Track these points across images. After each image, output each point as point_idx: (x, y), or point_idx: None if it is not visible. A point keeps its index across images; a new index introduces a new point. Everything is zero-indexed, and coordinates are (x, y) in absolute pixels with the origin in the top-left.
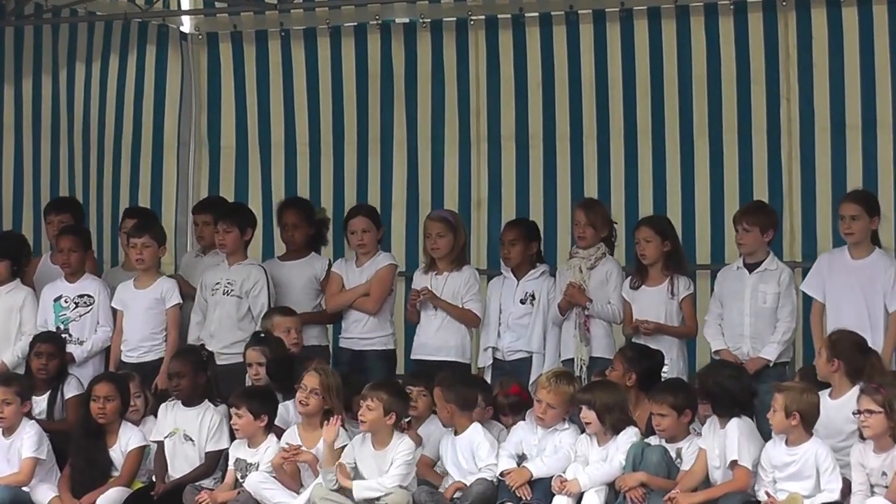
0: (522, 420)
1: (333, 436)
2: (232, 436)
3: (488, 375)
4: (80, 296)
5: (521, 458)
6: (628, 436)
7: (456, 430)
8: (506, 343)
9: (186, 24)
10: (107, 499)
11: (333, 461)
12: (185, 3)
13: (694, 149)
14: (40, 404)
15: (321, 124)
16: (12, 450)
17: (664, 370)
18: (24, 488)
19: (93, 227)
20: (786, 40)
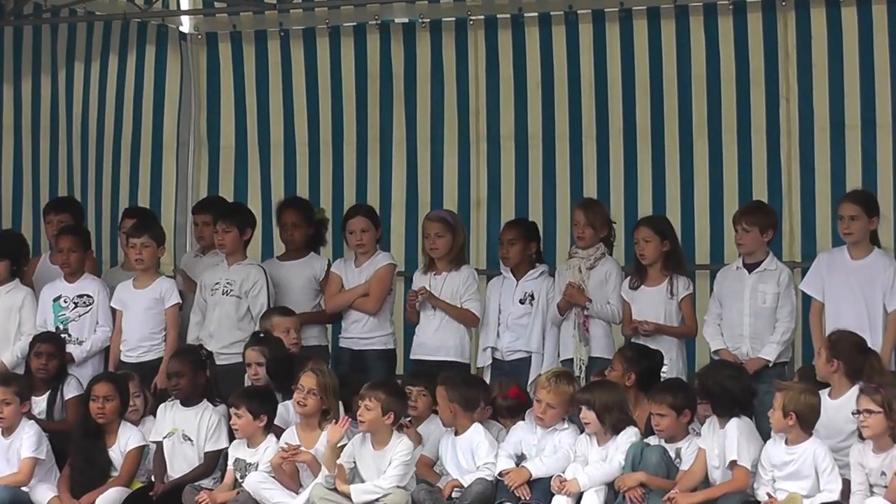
0: (521, 420)
1: (339, 436)
2: (231, 435)
3: (487, 375)
4: (80, 296)
5: (520, 457)
6: (628, 436)
7: (457, 430)
8: (505, 343)
9: (186, 24)
10: (106, 499)
11: (334, 461)
12: (185, 3)
13: (693, 149)
14: (40, 404)
15: (320, 124)
16: (12, 450)
17: (663, 370)
18: (24, 488)
19: (92, 227)
20: (785, 40)
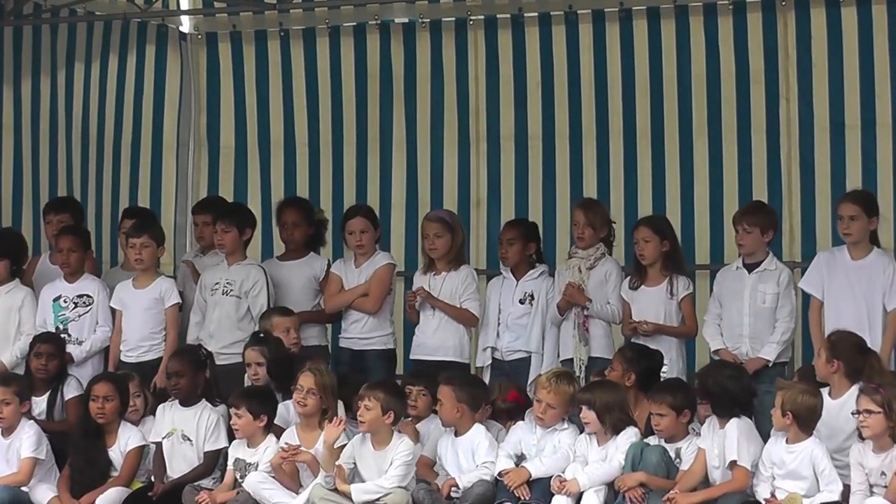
0: (521, 421)
1: (335, 436)
2: (230, 435)
3: (487, 375)
4: (80, 296)
5: (519, 458)
6: (628, 436)
7: (459, 431)
8: (505, 343)
9: (186, 24)
10: (106, 499)
11: (332, 462)
12: (185, 3)
13: (693, 149)
14: (40, 405)
15: (320, 124)
16: (11, 450)
17: (663, 370)
18: (24, 488)
19: (92, 227)
20: (785, 40)
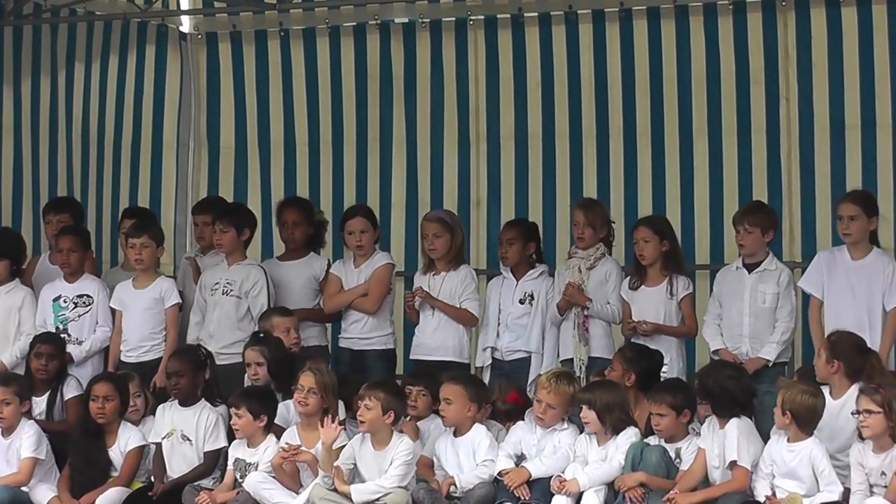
0: (521, 421)
1: (332, 437)
2: (229, 434)
3: (487, 375)
4: (80, 296)
5: (519, 457)
6: (628, 436)
7: (460, 431)
8: (505, 343)
9: (186, 23)
10: (106, 499)
11: (331, 463)
12: (185, 3)
13: (693, 149)
14: (40, 405)
15: (320, 124)
16: (11, 450)
17: (663, 370)
18: (24, 488)
19: (92, 228)
20: (785, 40)
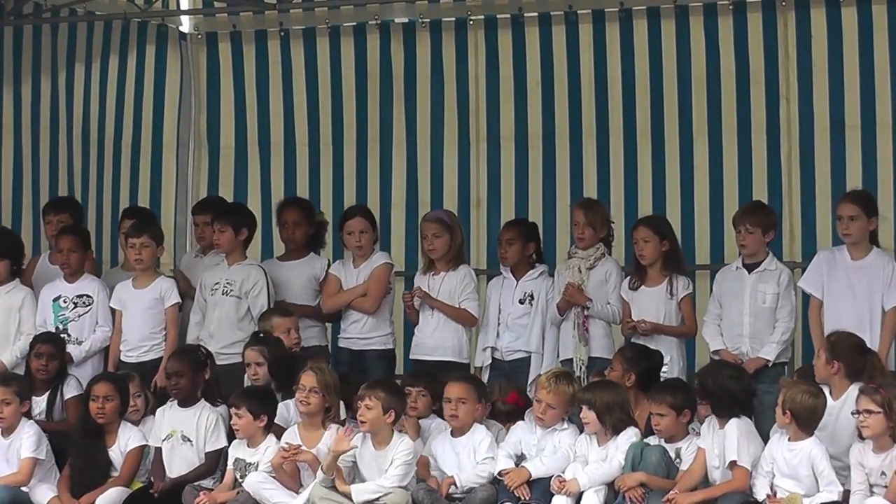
0: (521, 421)
1: (344, 449)
2: (230, 434)
3: (486, 375)
4: (80, 296)
5: (520, 457)
6: (628, 436)
7: (461, 430)
8: (505, 343)
9: (186, 23)
10: (106, 499)
11: (334, 466)
12: (185, 3)
13: (693, 148)
14: (40, 404)
15: (320, 124)
16: (11, 450)
17: (663, 370)
18: (24, 488)
19: (92, 228)
20: (785, 40)
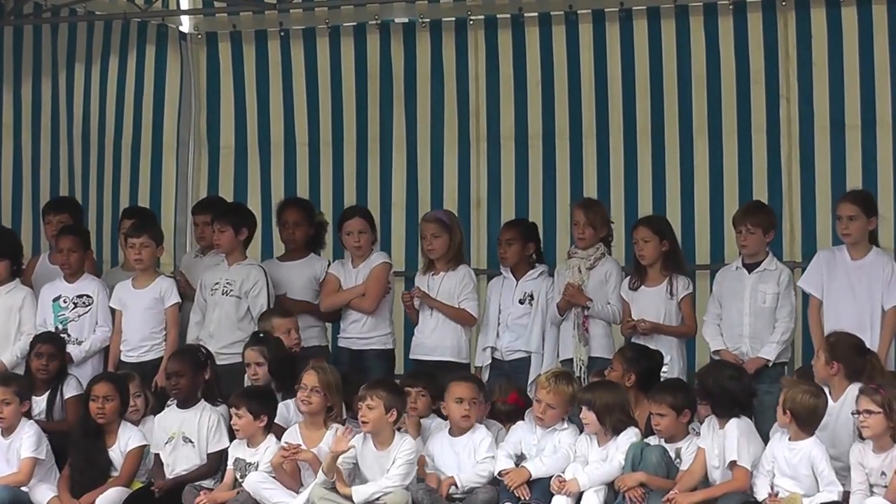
0: (521, 421)
1: (343, 450)
2: (231, 434)
3: (486, 375)
4: (79, 296)
5: (519, 457)
6: (628, 436)
7: (460, 430)
8: (505, 343)
9: (186, 23)
10: (106, 499)
11: (334, 467)
12: (185, 3)
13: (693, 148)
14: (40, 404)
15: (320, 124)
16: (11, 450)
17: (663, 370)
18: (24, 488)
19: (92, 228)
20: (785, 40)
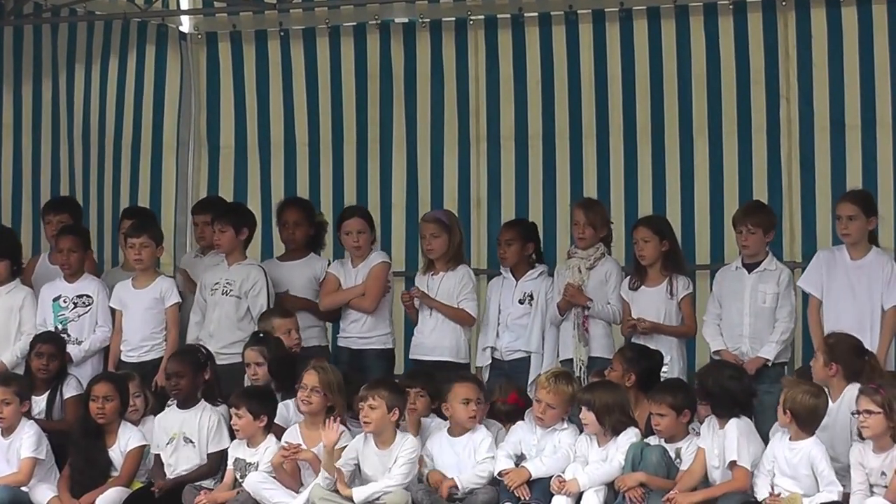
0: (521, 421)
1: (333, 440)
2: (231, 434)
3: (486, 375)
4: (79, 296)
5: (519, 457)
6: (628, 436)
7: (460, 431)
8: (504, 343)
9: (186, 23)
10: (106, 499)
11: (333, 464)
12: (185, 3)
13: (693, 148)
14: (40, 404)
15: (320, 124)
16: (11, 450)
17: (663, 370)
18: (24, 488)
19: (92, 228)
20: (785, 40)
